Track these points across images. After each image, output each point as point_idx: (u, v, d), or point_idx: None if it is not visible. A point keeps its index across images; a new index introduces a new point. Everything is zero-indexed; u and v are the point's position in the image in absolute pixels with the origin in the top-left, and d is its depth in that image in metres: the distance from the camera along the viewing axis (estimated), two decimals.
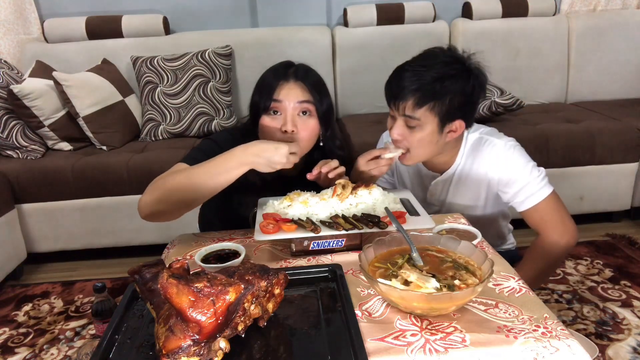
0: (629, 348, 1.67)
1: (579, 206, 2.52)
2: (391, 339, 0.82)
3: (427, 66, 1.21)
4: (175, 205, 1.16)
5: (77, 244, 2.41)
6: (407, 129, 1.25)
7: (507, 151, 1.33)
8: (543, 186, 1.33)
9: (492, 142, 1.34)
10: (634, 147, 2.44)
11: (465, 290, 0.83)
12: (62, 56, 2.74)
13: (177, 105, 2.61)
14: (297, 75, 1.26)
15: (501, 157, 1.33)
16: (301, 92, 1.24)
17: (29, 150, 2.38)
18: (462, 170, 1.39)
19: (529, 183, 1.32)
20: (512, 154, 1.33)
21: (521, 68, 2.90)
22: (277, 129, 1.23)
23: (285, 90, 1.23)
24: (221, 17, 2.95)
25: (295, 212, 1.16)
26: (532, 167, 1.33)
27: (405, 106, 1.22)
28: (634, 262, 2.20)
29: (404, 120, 1.25)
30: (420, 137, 1.25)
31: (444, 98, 1.21)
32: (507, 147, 1.33)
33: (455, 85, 1.20)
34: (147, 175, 2.29)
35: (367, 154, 1.29)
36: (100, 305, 1.29)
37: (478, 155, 1.36)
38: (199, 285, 0.74)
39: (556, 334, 0.82)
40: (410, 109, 1.22)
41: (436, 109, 1.21)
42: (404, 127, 1.26)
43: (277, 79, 1.24)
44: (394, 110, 1.27)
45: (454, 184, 1.41)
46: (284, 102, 1.22)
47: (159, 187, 1.16)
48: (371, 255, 0.97)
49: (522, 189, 1.32)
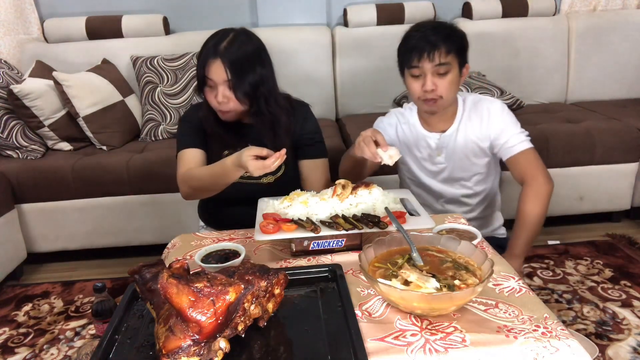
0: (629, 348, 1.67)
1: (579, 206, 2.52)
2: (391, 339, 0.82)
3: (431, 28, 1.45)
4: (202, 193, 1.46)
5: (77, 244, 2.41)
6: (437, 77, 1.43)
7: (498, 107, 1.55)
8: (528, 140, 1.53)
9: (486, 101, 1.57)
10: (634, 147, 2.44)
11: (465, 290, 0.84)
12: (62, 56, 2.73)
13: (177, 105, 2.61)
14: (223, 54, 1.35)
15: (494, 111, 1.54)
16: (224, 73, 1.35)
17: (29, 150, 2.38)
18: (463, 127, 1.55)
19: (519, 133, 1.52)
20: (502, 109, 1.55)
21: (521, 68, 2.90)
22: (212, 99, 1.40)
23: (213, 69, 1.36)
24: (221, 17, 2.95)
25: (295, 212, 1.16)
26: (519, 124, 1.55)
27: (440, 54, 1.41)
28: (634, 262, 2.20)
29: (435, 69, 1.42)
30: (450, 80, 1.45)
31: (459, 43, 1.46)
32: (497, 104, 1.56)
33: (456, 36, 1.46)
34: (147, 175, 2.32)
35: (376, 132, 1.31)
36: (100, 305, 1.29)
37: (478, 111, 1.55)
38: (199, 285, 0.74)
39: (556, 334, 0.82)
40: (444, 55, 1.41)
41: (457, 51, 1.45)
42: (435, 78, 1.44)
43: (207, 55, 1.37)
44: (420, 67, 1.43)
45: (458, 139, 1.56)
46: (213, 80, 1.37)
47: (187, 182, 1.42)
48: (371, 255, 0.97)
49: (513, 137, 1.51)
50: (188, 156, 1.46)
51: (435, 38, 1.42)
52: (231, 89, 1.36)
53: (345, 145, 2.37)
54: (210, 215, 1.62)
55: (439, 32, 1.43)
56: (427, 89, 1.44)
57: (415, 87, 1.48)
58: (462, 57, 1.48)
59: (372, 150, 1.27)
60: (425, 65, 1.43)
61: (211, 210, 1.61)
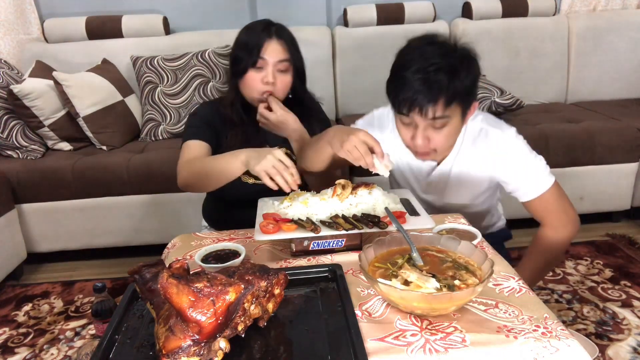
0: (629, 348, 1.67)
1: (579, 206, 2.50)
2: (391, 339, 0.82)
3: (433, 64, 1.16)
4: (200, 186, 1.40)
5: (77, 244, 2.41)
6: (431, 130, 1.22)
7: (511, 142, 1.32)
8: (546, 175, 1.32)
9: (495, 133, 1.33)
10: (634, 147, 2.44)
11: (465, 290, 0.83)
12: (62, 56, 2.73)
13: (177, 105, 2.61)
14: (280, 35, 1.41)
15: (504, 148, 1.31)
16: (282, 51, 1.41)
17: (29, 150, 2.38)
18: (462, 159, 1.35)
19: (533, 173, 1.31)
20: (515, 145, 1.32)
21: (521, 68, 2.90)
22: (258, 81, 1.41)
23: (270, 48, 1.39)
24: (221, 17, 2.95)
25: (295, 212, 1.16)
26: (534, 156, 1.33)
27: (435, 110, 1.17)
28: (634, 262, 2.20)
29: (430, 123, 1.20)
30: (447, 133, 1.23)
31: (467, 84, 1.19)
32: (509, 137, 1.32)
33: (465, 70, 1.18)
34: (147, 175, 2.32)
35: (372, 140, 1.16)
36: (100, 305, 1.28)
37: (479, 146, 1.33)
38: (199, 285, 0.74)
39: (556, 334, 0.82)
40: (441, 110, 1.17)
41: (462, 97, 1.20)
42: (428, 131, 1.22)
43: (263, 37, 1.39)
44: (414, 118, 1.20)
45: (454, 173, 1.38)
46: (267, 60, 1.39)
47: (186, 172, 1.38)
48: (371, 255, 0.97)
49: (527, 179, 1.31)
50: (194, 146, 1.43)
51: (435, 87, 1.15)
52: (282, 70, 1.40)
53: None
54: (216, 216, 1.60)
55: (442, 74, 1.15)
56: (417, 144, 1.24)
57: (404, 134, 1.27)
58: (468, 100, 1.22)
59: (369, 161, 1.14)
60: (417, 119, 1.20)
61: (219, 211, 1.59)
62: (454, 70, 1.16)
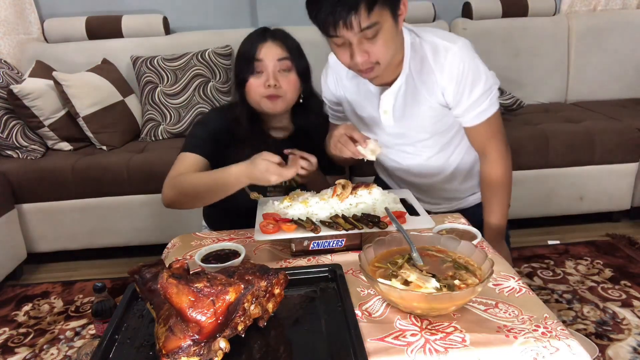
0: (629, 348, 1.67)
1: (579, 206, 2.52)
2: (391, 339, 0.82)
3: None
4: (188, 204, 1.33)
5: (77, 244, 2.41)
6: (366, 43, 1.13)
7: (462, 57, 1.22)
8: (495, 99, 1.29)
9: (445, 46, 1.23)
10: (634, 147, 2.44)
11: (465, 290, 0.83)
12: (62, 56, 2.73)
13: (177, 105, 2.61)
14: (274, 36, 1.36)
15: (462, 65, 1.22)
16: (280, 50, 1.34)
17: (29, 150, 2.38)
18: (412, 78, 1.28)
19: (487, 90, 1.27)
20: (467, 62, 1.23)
21: (521, 68, 2.90)
22: (260, 86, 1.32)
23: (265, 50, 1.33)
24: (221, 17, 2.95)
25: (295, 212, 1.16)
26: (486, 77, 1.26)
27: (359, 18, 1.07)
28: (634, 262, 2.20)
29: (362, 35, 1.11)
30: (383, 41, 1.13)
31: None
32: (461, 52, 1.22)
33: None
34: (147, 175, 2.32)
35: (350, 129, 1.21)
36: (100, 305, 1.29)
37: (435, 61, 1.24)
38: (199, 285, 0.74)
39: (556, 334, 0.82)
40: (365, 18, 1.08)
41: (382, 1, 1.09)
42: (364, 45, 1.13)
43: (256, 42, 1.34)
44: (342, 35, 1.12)
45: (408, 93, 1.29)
46: (264, 61, 1.32)
47: (174, 188, 1.31)
48: (371, 255, 0.97)
49: (481, 97, 1.26)
50: (189, 161, 1.34)
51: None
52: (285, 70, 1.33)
53: None
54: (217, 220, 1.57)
55: None
56: (357, 61, 1.15)
57: (342, 56, 1.19)
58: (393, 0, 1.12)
59: (352, 149, 1.19)
60: (346, 34, 1.11)
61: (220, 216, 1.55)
62: None
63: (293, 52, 1.37)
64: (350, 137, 1.21)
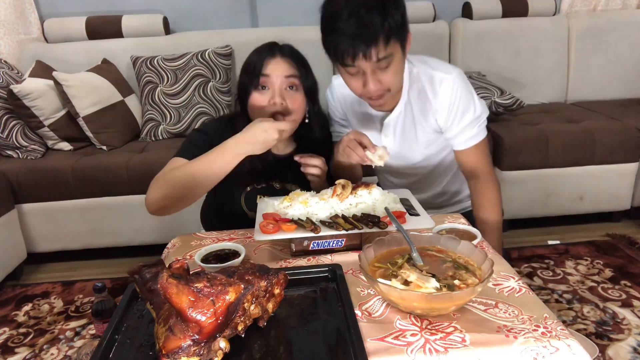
0: (629, 348, 1.67)
1: (579, 206, 2.52)
2: (391, 339, 0.82)
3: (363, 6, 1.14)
4: (180, 199, 1.23)
5: (77, 244, 2.41)
6: (379, 72, 1.20)
7: (454, 85, 1.31)
8: (484, 124, 1.36)
9: (442, 78, 1.32)
10: (634, 147, 2.44)
11: (465, 290, 0.83)
12: (62, 56, 2.73)
13: (177, 105, 2.61)
14: (283, 52, 1.32)
15: (454, 94, 1.31)
16: (288, 67, 1.30)
17: (29, 150, 2.38)
18: (409, 105, 1.37)
19: (476, 119, 1.34)
20: (458, 89, 1.31)
21: (521, 68, 2.90)
22: (266, 103, 1.28)
23: (273, 65, 1.29)
24: (221, 17, 2.95)
25: (295, 212, 1.16)
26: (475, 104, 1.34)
27: (377, 51, 1.15)
28: (634, 262, 2.20)
29: (376, 66, 1.18)
30: (394, 70, 1.21)
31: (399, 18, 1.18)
32: (457, 81, 1.31)
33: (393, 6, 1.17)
34: (147, 175, 2.28)
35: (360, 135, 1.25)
36: (100, 305, 1.29)
37: (431, 90, 1.33)
38: (198, 285, 0.74)
39: (556, 334, 0.82)
40: (383, 50, 1.15)
41: (398, 32, 1.18)
42: (377, 74, 1.20)
43: (264, 56, 1.30)
44: (358, 65, 1.18)
45: (406, 118, 1.38)
46: (271, 77, 1.28)
47: (162, 185, 1.22)
48: (371, 255, 0.97)
49: (470, 124, 1.34)
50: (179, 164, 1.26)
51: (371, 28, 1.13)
52: (291, 87, 1.29)
53: None
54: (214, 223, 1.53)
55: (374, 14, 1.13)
56: (370, 89, 1.22)
57: (354, 85, 1.25)
58: (403, 33, 1.21)
59: (360, 154, 1.21)
60: (362, 65, 1.18)
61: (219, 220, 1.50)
62: (383, 7, 1.15)
63: (301, 69, 1.32)
64: (360, 142, 1.23)
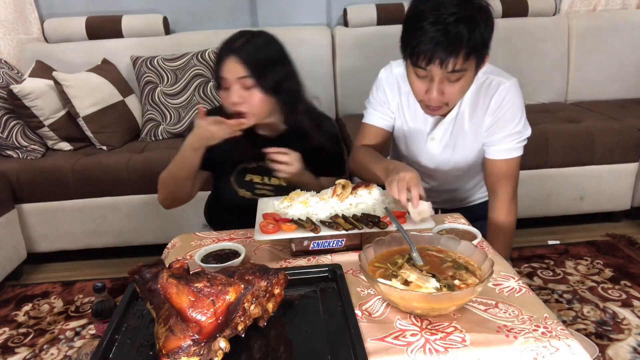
0: (629, 348, 1.67)
1: (579, 206, 2.52)
2: (391, 339, 0.82)
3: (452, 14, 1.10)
4: (174, 194, 1.45)
5: (77, 244, 2.41)
6: (446, 83, 1.18)
7: (513, 94, 1.32)
8: (523, 142, 1.36)
9: (501, 82, 1.33)
10: (634, 147, 2.44)
11: (465, 290, 0.84)
12: (62, 56, 2.73)
13: (177, 105, 2.61)
14: (237, 52, 1.29)
15: (507, 99, 1.32)
16: (240, 69, 1.28)
17: (29, 150, 2.38)
18: (466, 110, 1.35)
19: (518, 133, 1.34)
20: (516, 99, 1.33)
21: (521, 68, 2.89)
22: (227, 102, 1.33)
23: (227, 67, 1.30)
24: (221, 17, 2.95)
25: (295, 212, 1.16)
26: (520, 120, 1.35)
27: (455, 62, 1.13)
28: (634, 262, 2.20)
29: (446, 76, 1.16)
30: (461, 86, 1.20)
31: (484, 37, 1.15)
32: (512, 89, 1.33)
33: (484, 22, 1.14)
34: (147, 175, 2.32)
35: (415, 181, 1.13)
36: (100, 305, 1.29)
37: (486, 95, 1.33)
38: (199, 285, 0.74)
39: (556, 334, 0.82)
40: (461, 62, 1.13)
41: (478, 51, 1.16)
42: (444, 84, 1.18)
43: (222, 56, 1.31)
44: (430, 70, 1.16)
45: (457, 126, 1.37)
46: (227, 79, 1.30)
47: (159, 186, 1.45)
48: (371, 255, 0.97)
49: (511, 136, 1.34)
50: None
51: (456, 38, 1.10)
52: (248, 87, 1.29)
53: (345, 144, 2.37)
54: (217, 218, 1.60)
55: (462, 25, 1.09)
56: (432, 98, 1.20)
57: (418, 87, 1.23)
58: (483, 54, 1.18)
59: (402, 199, 1.10)
60: (434, 71, 1.16)
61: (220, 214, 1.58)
62: (473, 21, 1.11)
63: (254, 69, 1.28)
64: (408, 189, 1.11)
